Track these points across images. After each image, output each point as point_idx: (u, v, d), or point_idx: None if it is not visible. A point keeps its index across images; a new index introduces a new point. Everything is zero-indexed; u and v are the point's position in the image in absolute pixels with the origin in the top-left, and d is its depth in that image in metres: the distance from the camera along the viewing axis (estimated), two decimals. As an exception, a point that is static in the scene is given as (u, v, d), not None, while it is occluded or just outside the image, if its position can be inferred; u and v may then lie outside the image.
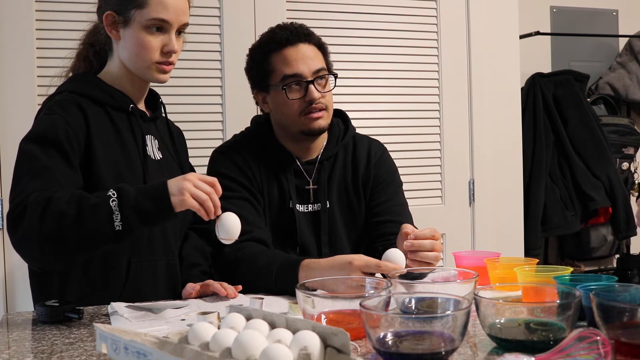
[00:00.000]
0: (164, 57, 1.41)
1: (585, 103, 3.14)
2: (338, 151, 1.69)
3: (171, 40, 1.40)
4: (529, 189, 2.98)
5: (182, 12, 1.41)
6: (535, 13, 3.35)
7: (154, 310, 1.26)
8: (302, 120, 1.60)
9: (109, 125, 1.41)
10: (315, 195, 1.66)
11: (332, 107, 1.65)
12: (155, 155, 1.49)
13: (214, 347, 0.85)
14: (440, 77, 2.57)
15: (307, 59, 1.58)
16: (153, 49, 1.39)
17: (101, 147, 1.37)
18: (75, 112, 1.36)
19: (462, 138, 2.61)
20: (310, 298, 1.04)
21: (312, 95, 1.57)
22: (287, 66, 1.58)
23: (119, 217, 1.17)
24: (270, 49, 1.60)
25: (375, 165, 1.71)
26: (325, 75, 1.61)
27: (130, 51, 1.41)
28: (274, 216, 1.64)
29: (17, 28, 2.06)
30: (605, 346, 0.83)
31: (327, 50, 1.67)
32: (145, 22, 1.38)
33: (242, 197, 1.60)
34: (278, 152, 1.66)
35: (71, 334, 1.13)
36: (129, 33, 1.40)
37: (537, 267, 1.33)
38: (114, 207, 1.18)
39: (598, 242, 3.29)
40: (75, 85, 1.44)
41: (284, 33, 1.60)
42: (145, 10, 1.37)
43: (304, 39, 1.60)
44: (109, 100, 1.43)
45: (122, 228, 1.18)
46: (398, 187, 1.74)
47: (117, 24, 1.40)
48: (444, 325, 0.89)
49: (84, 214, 1.18)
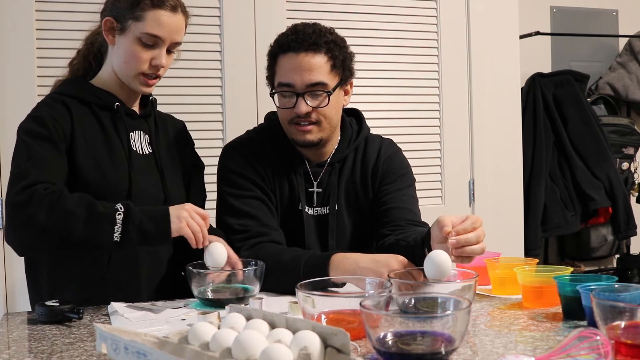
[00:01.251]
0: (151, 70, 1.46)
1: (585, 103, 3.14)
2: (349, 153, 1.65)
3: (160, 55, 1.45)
4: (529, 189, 2.98)
5: (175, 32, 1.46)
6: (535, 13, 3.35)
7: (154, 310, 1.26)
8: (290, 129, 1.56)
9: (93, 123, 1.47)
10: (321, 198, 1.62)
11: (330, 120, 1.56)
12: (143, 150, 1.53)
13: (214, 347, 0.85)
14: (440, 77, 2.57)
15: (304, 70, 1.50)
16: (142, 61, 1.45)
17: (83, 140, 1.43)
18: (59, 108, 1.44)
19: (462, 138, 2.61)
20: (310, 298, 1.04)
21: (298, 109, 1.51)
22: (284, 72, 1.53)
23: (120, 231, 1.28)
24: (275, 50, 1.57)
25: (385, 161, 1.66)
26: (322, 92, 1.52)
27: (121, 58, 1.46)
28: (282, 217, 1.61)
29: (17, 28, 2.06)
30: (605, 346, 0.83)
31: (340, 61, 1.56)
32: (139, 34, 1.43)
33: (256, 196, 1.56)
34: (289, 152, 1.62)
35: (71, 334, 1.13)
36: (122, 41, 1.45)
37: (537, 267, 1.33)
38: (118, 220, 1.28)
39: (598, 242, 3.29)
40: (63, 88, 1.52)
41: (291, 37, 1.54)
42: (141, 24, 1.42)
43: (309, 48, 1.51)
44: (94, 100, 1.49)
45: (120, 240, 1.29)
46: (410, 182, 1.69)
47: (114, 30, 1.46)
48: (444, 325, 0.89)
49: (92, 218, 1.28)
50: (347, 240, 1.64)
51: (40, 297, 1.44)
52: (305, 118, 1.53)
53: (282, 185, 1.61)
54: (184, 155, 1.65)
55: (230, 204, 1.56)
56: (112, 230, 1.27)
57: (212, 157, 1.99)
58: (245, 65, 2.30)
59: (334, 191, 1.62)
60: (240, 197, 1.56)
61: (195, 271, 1.30)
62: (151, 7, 1.42)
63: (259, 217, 1.54)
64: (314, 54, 1.51)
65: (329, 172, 1.63)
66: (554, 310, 1.22)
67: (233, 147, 1.65)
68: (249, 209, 1.55)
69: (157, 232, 1.30)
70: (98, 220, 1.28)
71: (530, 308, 1.25)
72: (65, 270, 1.45)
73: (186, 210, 1.33)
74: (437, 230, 1.25)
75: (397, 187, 1.64)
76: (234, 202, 1.56)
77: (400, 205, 1.61)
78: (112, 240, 1.28)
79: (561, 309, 1.18)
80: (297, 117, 1.53)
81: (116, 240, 1.28)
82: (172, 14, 1.44)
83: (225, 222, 1.56)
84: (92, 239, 1.28)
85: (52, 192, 1.29)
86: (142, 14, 1.42)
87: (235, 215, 1.55)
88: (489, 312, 1.24)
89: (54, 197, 1.28)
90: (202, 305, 1.29)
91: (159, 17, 1.42)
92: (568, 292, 1.16)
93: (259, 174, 1.59)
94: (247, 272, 1.32)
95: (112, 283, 1.44)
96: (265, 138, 1.64)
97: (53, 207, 1.27)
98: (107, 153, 1.45)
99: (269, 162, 1.60)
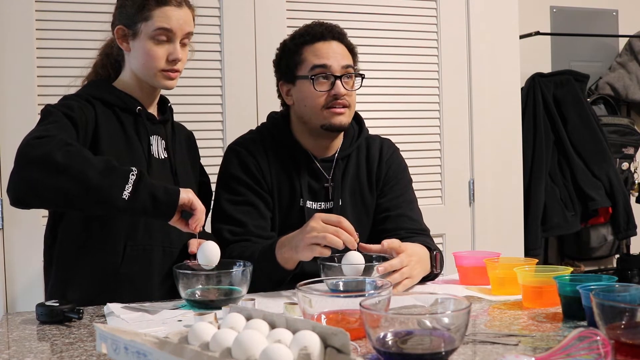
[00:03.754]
0: (170, 65, 1.50)
1: (585, 103, 3.14)
2: (352, 151, 1.71)
3: (175, 49, 1.50)
4: (529, 189, 2.98)
5: (184, 22, 1.50)
6: (535, 13, 3.35)
7: (150, 311, 1.26)
8: (325, 114, 1.61)
9: (116, 124, 1.51)
10: (331, 193, 1.67)
11: (354, 107, 1.67)
12: (160, 155, 1.57)
13: (214, 347, 0.85)
14: (440, 77, 2.57)
15: (338, 54, 1.61)
16: (159, 58, 1.49)
17: (107, 140, 1.46)
18: (86, 105, 1.47)
19: (462, 138, 2.61)
20: (308, 297, 1.04)
21: (338, 90, 1.59)
22: (317, 57, 1.61)
23: (130, 189, 1.26)
24: (304, 41, 1.63)
25: (387, 162, 1.73)
26: (352, 74, 1.63)
27: (139, 61, 1.51)
28: (284, 214, 1.65)
29: (17, 29, 2.06)
30: (605, 346, 0.83)
31: (357, 54, 1.70)
32: (151, 32, 1.48)
33: (248, 201, 1.62)
34: (293, 149, 1.67)
35: (71, 334, 1.13)
36: (137, 44, 1.50)
37: (537, 267, 1.33)
38: (131, 179, 1.26)
39: (598, 242, 3.29)
40: (87, 89, 1.55)
41: (320, 28, 1.64)
42: (150, 22, 1.47)
43: (337, 37, 1.64)
44: (117, 102, 1.52)
45: (128, 199, 1.25)
46: (408, 184, 1.76)
47: (127, 37, 1.51)
48: (444, 325, 0.89)
49: (107, 169, 1.26)
50: None
51: (55, 293, 1.47)
52: (341, 100, 1.60)
53: (282, 183, 1.65)
54: (195, 165, 1.71)
55: (223, 208, 1.63)
56: (124, 187, 1.25)
57: (212, 157, 2.00)
58: (245, 65, 2.30)
59: (339, 187, 1.67)
60: (233, 202, 1.63)
61: (182, 272, 1.29)
62: (157, 6, 1.47)
63: (245, 223, 1.59)
64: (341, 42, 1.65)
65: (336, 167, 1.68)
66: (554, 310, 1.22)
67: (232, 150, 1.69)
68: (239, 215, 1.61)
69: (166, 199, 1.29)
70: (113, 172, 1.26)
71: (530, 308, 1.25)
72: (79, 265, 1.46)
73: (191, 192, 1.34)
74: None
75: (398, 193, 1.71)
76: (227, 207, 1.62)
77: (400, 212, 1.67)
78: (121, 196, 1.24)
79: (561, 309, 1.18)
80: (334, 99, 1.59)
81: (125, 198, 1.25)
82: (178, 8, 1.50)
83: (215, 225, 1.63)
84: (103, 190, 1.24)
85: (72, 142, 1.28)
86: (150, 14, 1.47)
87: (224, 221, 1.61)
88: (489, 312, 1.24)
89: (73, 145, 1.27)
90: (191, 306, 1.29)
91: (166, 12, 1.48)
92: (568, 292, 1.16)
93: (254, 176, 1.63)
94: (234, 273, 1.32)
95: (125, 279, 1.46)
96: (268, 136, 1.69)
97: (71, 151, 1.25)
98: (128, 155, 1.48)
99: (268, 161, 1.65)
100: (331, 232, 1.32)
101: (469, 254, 1.63)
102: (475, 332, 1.07)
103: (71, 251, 1.48)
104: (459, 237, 2.59)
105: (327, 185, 1.66)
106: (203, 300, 1.29)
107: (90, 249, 1.47)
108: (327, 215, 1.36)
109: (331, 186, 1.66)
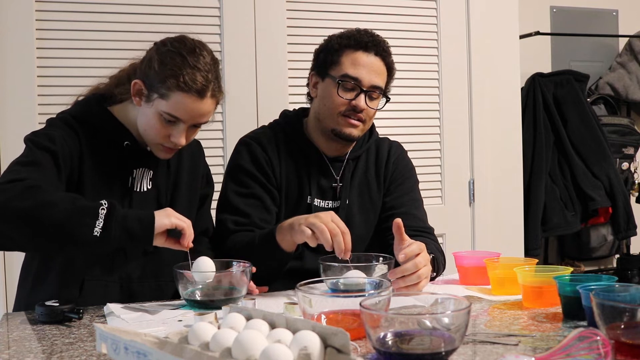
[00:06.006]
0: (169, 144, 1.44)
1: (585, 103, 3.14)
2: (362, 153, 1.73)
3: (179, 134, 1.42)
4: (529, 189, 2.98)
5: (199, 116, 1.42)
6: (535, 13, 3.35)
7: (150, 311, 1.26)
8: (339, 120, 1.62)
9: (98, 156, 1.45)
10: (340, 192, 1.68)
11: (370, 123, 1.68)
12: (143, 188, 1.51)
13: (214, 347, 0.85)
14: (440, 77, 2.57)
15: (373, 71, 1.61)
16: (160, 135, 1.43)
17: (89, 172, 1.42)
18: (70, 135, 1.42)
19: (462, 138, 2.61)
20: (308, 297, 1.04)
21: (358, 103, 1.59)
22: (352, 66, 1.60)
23: (101, 225, 1.22)
24: (348, 44, 1.63)
25: (395, 162, 1.75)
26: (379, 95, 1.63)
27: (142, 124, 1.45)
28: (290, 210, 1.65)
29: (17, 29, 2.06)
30: (605, 346, 0.83)
31: (393, 75, 1.69)
32: (161, 111, 1.39)
33: (255, 194, 1.62)
34: (305, 147, 1.68)
35: (71, 334, 1.13)
36: (145, 110, 1.42)
37: (537, 267, 1.33)
38: (101, 214, 1.23)
39: (598, 242, 3.29)
40: (81, 108, 1.49)
41: (367, 38, 1.63)
42: (164, 102, 1.38)
43: (380, 53, 1.62)
44: (106, 132, 1.46)
45: (100, 235, 1.22)
46: (414, 184, 1.78)
47: (142, 94, 1.42)
48: (444, 326, 0.89)
49: (73, 209, 1.22)
50: (355, 235, 1.65)
51: (25, 298, 1.48)
52: (358, 113, 1.61)
53: (291, 179, 1.67)
54: (194, 183, 1.63)
55: (229, 199, 1.64)
56: (94, 224, 1.21)
57: (212, 157, 1.99)
58: (245, 65, 2.30)
59: (347, 186, 1.68)
60: (240, 194, 1.64)
61: (182, 272, 1.28)
62: (176, 89, 1.37)
63: (249, 215, 1.60)
64: (382, 60, 1.63)
65: (346, 167, 1.70)
66: (554, 310, 1.22)
67: (244, 143, 1.70)
68: (245, 207, 1.61)
69: (141, 230, 1.25)
70: (80, 211, 1.22)
71: (530, 308, 1.25)
72: (40, 290, 1.44)
73: (170, 210, 1.31)
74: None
75: (404, 192, 1.73)
76: (233, 198, 1.63)
77: (405, 210, 1.67)
78: (92, 233, 1.21)
79: (561, 309, 1.18)
80: (352, 110, 1.60)
81: (96, 235, 1.21)
82: (199, 99, 1.38)
83: (220, 216, 1.64)
84: (73, 230, 1.21)
85: (36, 185, 1.24)
86: (168, 93, 1.37)
87: (229, 211, 1.62)
88: (489, 312, 1.24)
89: (35, 187, 1.23)
90: (191, 306, 1.29)
91: (183, 100, 1.37)
92: (568, 292, 1.16)
93: (264, 170, 1.64)
94: (234, 273, 1.31)
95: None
96: (280, 132, 1.71)
97: (33, 194, 1.21)
98: (109, 190, 1.44)
99: (279, 156, 1.67)
100: (330, 230, 1.32)
101: (469, 254, 1.63)
102: (475, 332, 1.07)
103: (31, 274, 1.47)
104: (459, 237, 2.59)
105: (335, 185, 1.67)
106: (203, 300, 1.29)
107: (47, 280, 1.43)
108: (339, 219, 1.36)
109: (340, 186, 1.68)
